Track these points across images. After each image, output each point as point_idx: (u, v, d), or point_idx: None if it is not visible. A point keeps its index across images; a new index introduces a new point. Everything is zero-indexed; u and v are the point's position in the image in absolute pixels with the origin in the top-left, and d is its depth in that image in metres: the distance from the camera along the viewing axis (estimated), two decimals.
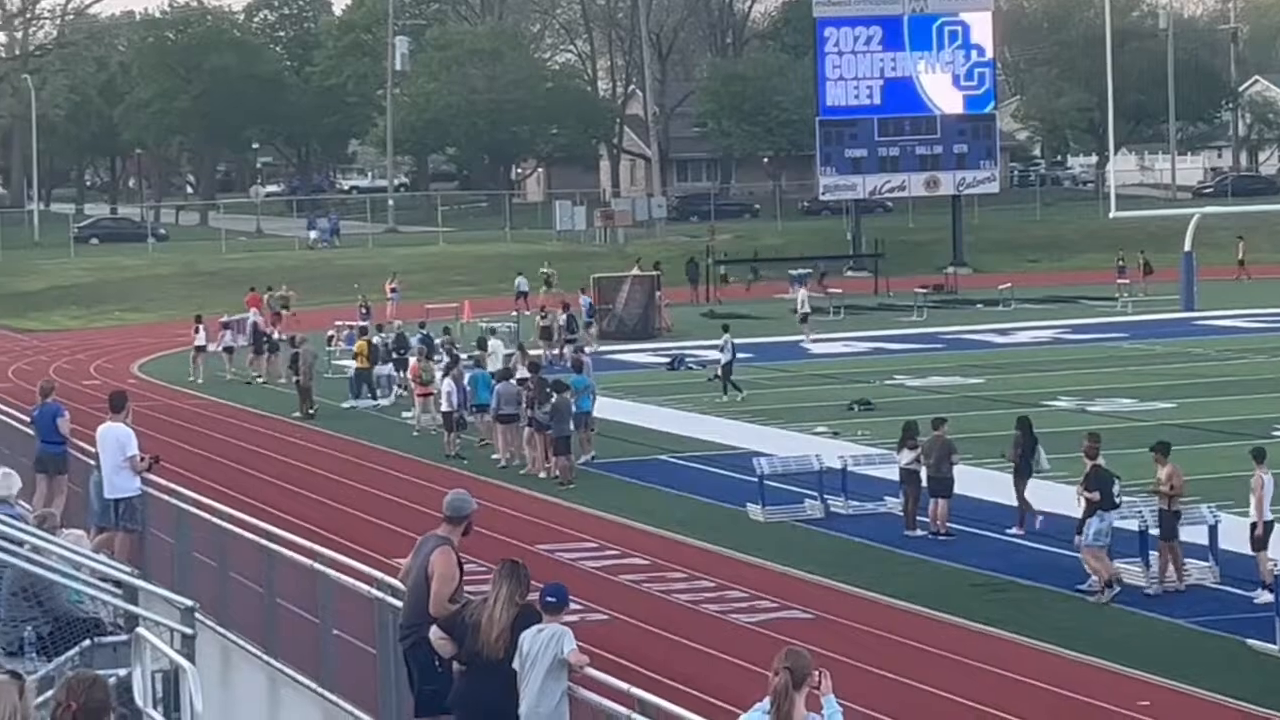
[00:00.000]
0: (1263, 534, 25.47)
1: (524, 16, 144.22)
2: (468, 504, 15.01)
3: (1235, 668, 22.53)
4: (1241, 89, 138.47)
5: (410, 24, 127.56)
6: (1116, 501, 26.23)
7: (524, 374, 40.05)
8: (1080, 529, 26.21)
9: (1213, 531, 26.93)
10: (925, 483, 30.60)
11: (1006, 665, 22.84)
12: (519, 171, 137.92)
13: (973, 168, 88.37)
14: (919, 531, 30.43)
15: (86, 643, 13.28)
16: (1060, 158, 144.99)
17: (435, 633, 14.12)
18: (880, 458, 34.26)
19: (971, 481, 32.12)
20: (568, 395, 37.22)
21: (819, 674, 10.82)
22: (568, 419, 36.84)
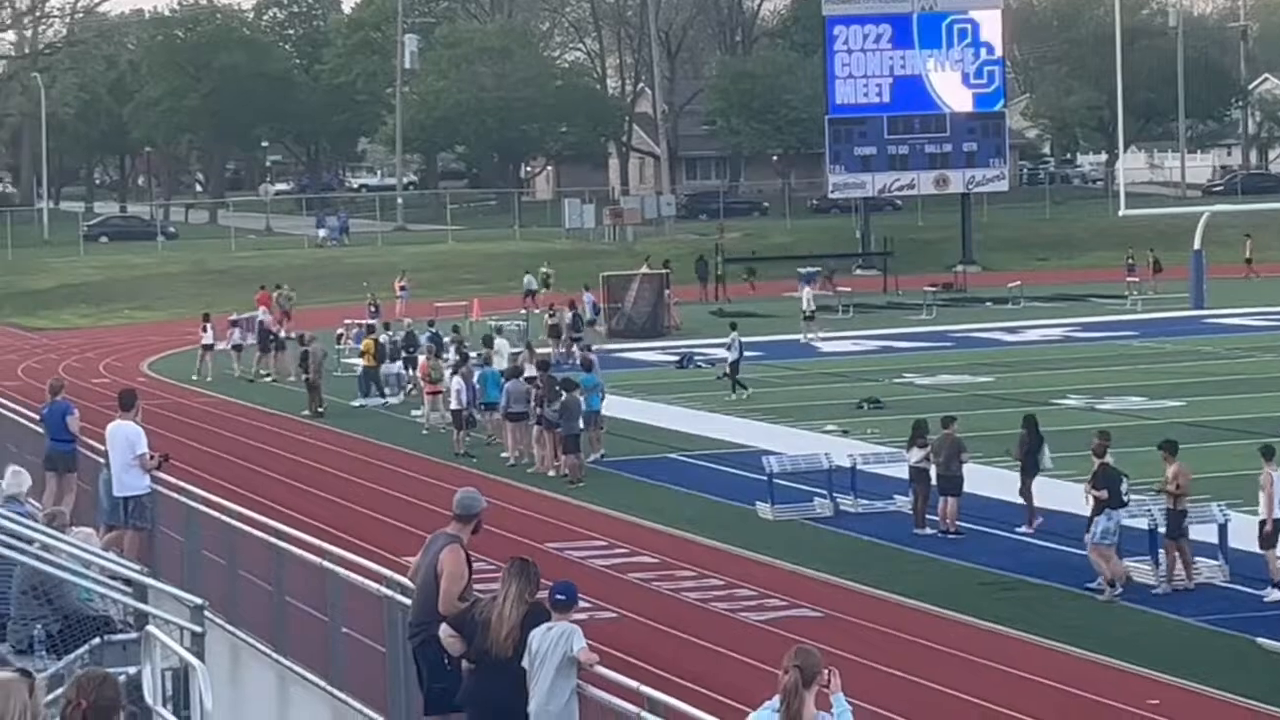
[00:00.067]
0: (1272, 531, 25.40)
1: (533, 14, 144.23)
2: (477, 502, 15.01)
3: (1245, 666, 22.50)
4: (1251, 87, 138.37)
5: (419, 22, 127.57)
6: (1124, 500, 26.22)
7: (532, 372, 40.07)
8: (1090, 527, 26.21)
9: (1222, 530, 26.91)
10: (935, 481, 30.60)
11: (1015, 663, 22.83)
12: (528, 169, 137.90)
13: (982, 166, 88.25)
14: (928, 530, 30.42)
15: (96, 640, 13.31)
16: (1070, 156, 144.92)
17: (445, 630, 14.10)
18: (890, 456, 34.22)
19: (981, 480, 32.11)
20: (577, 393, 37.22)
21: (828, 672, 10.82)
22: (577, 417, 36.83)
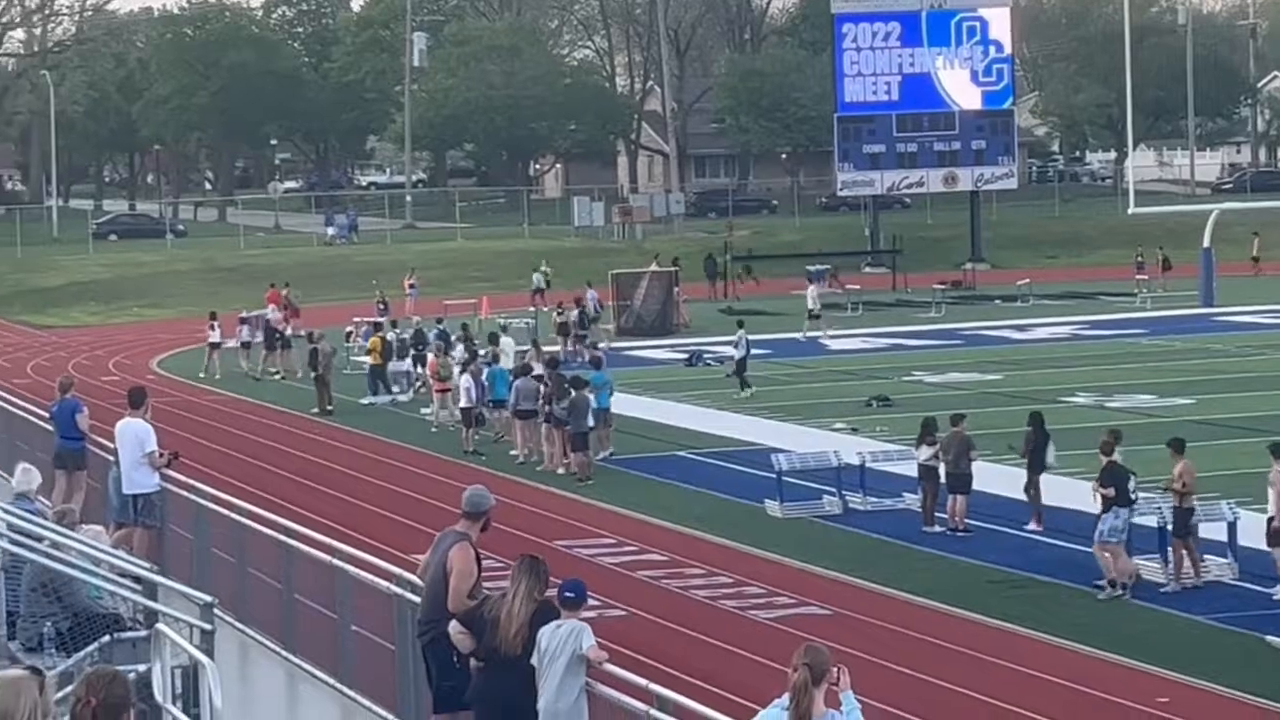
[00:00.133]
0: None
1: (542, 12, 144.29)
2: (486, 500, 15.02)
3: (1254, 664, 22.48)
4: (1260, 84, 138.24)
5: (428, 20, 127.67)
6: (1132, 497, 26.20)
7: (540, 370, 40.06)
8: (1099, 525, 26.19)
9: (1232, 528, 26.88)
10: (944, 479, 30.59)
11: (1024, 661, 22.82)
12: (537, 167, 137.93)
13: (991, 164, 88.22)
14: (937, 528, 30.41)
15: (106, 638, 13.32)
16: (1079, 153, 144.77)
17: (455, 627, 14.12)
18: (898, 454, 34.21)
19: (990, 478, 32.07)
20: (586, 391, 37.21)
21: (837, 670, 10.82)
22: (585, 415, 36.81)
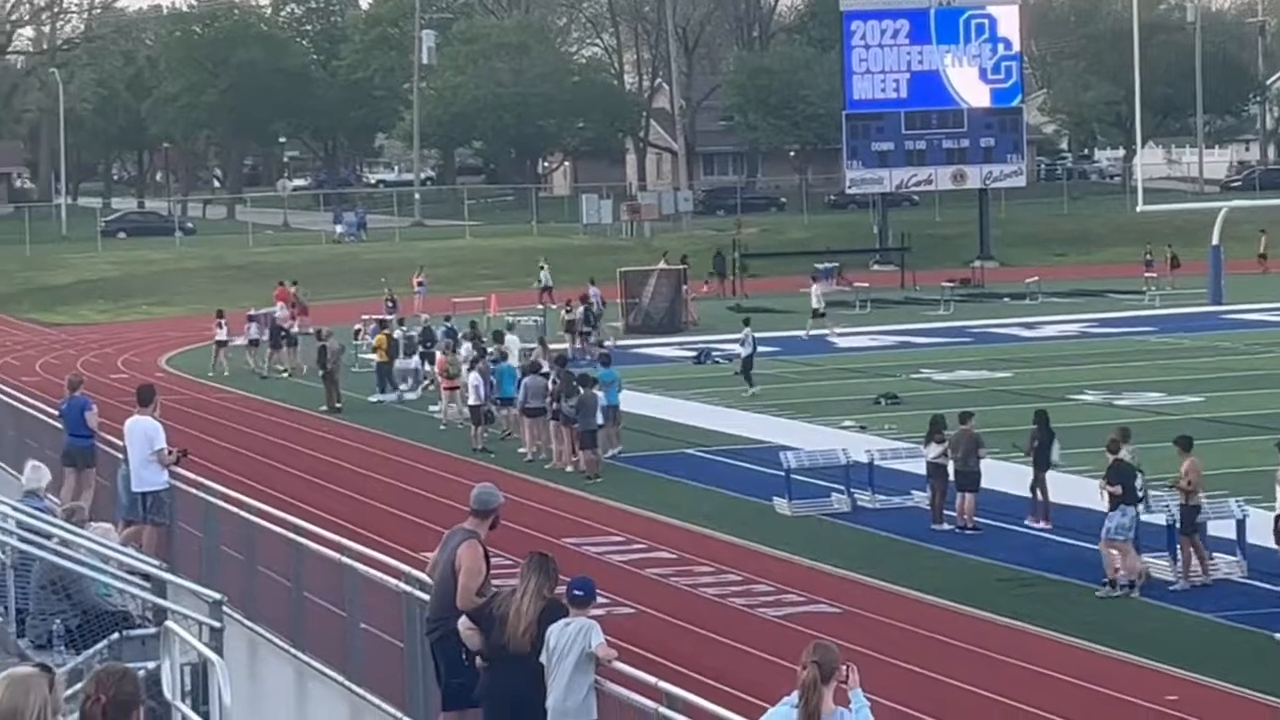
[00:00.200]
0: None
1: (550, 10, 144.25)
2: (495, 497, 15.03)
3: (1263, 662, 22.48)
4: (1269, 82, 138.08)
5: (437, 17, 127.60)
6: (1139, 495, 26.18)
7: (547, 367, 40.05)
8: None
9: (1240, 526, 26.87)
10: (952, 477, 30.58)
11: (1033, 659, 22.81)
12: (545, 165, 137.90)
13: (999, 161, 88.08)
14: (946, 526, 30.41)
15: (115, 636, 13.34)
16: (1087, 151, 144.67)
17: (464, 623, 14.12)
18: (907, 452, 34.19)
19: (999, 476, 32.05)
20: (594, 389, 37.20)
21: (847, 668, 10.82)
22: (594, 413, 36.78)
